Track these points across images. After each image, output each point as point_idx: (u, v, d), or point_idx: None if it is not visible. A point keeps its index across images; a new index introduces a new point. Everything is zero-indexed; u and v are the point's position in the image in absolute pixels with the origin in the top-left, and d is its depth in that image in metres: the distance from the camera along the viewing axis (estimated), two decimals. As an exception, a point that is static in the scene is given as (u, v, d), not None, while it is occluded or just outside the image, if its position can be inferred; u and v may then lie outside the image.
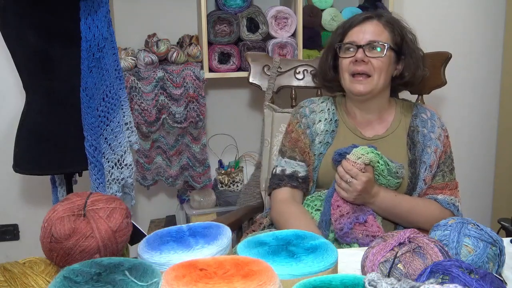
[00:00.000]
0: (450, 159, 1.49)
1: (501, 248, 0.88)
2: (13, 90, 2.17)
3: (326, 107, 1.54)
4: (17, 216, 2.37)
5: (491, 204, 2.77)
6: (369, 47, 1.41)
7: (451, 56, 1.68)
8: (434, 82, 1.70)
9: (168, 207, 2.54)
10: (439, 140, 1.45)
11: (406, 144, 1.45)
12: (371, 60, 1.41)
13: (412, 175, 1.41)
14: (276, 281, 0.65)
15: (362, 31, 1.43)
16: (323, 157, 1.46)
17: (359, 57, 1.41)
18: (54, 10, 1.40)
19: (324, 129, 1.49)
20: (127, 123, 1.61)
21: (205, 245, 0.84)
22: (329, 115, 1.51)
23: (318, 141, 1.48)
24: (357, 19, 1.48)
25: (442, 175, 1.45)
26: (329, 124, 1.50)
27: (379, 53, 1.41)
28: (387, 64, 1.42)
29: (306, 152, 1.49)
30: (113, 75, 1.52)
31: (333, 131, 1.49)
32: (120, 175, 1.57)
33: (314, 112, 1.53)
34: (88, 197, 0.91)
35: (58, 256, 0.85)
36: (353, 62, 1.42)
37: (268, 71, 1.85)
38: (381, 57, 1.40)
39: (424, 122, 1.48)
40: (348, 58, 1.44)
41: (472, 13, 2.58)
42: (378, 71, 1.41)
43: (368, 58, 1.41)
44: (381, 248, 0.84)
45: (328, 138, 1.48)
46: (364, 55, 1.41)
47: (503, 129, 2.65)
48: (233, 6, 2.20)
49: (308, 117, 1.53)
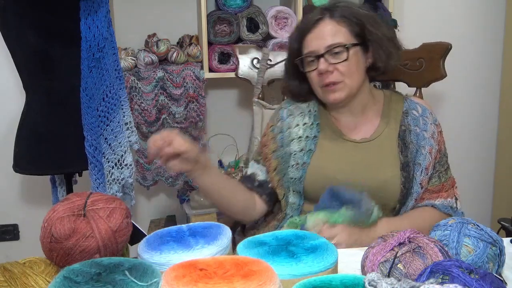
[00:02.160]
0: (445, 156, 1.39)
1: (501, 248, 0.88)
2: (13, 90, 2.17)
3: (308, 108, 1.41)
4: (17, 216, 2.37)
5: (491, 204, 2.77)
6: (329, 53, 1.29)
7: (451, 47, 1.59)
8: (433, 75, 1.60)
9: (168, 207, 2.54)
10: (433, 139, 1.34)
11: (397, 146, 1.33)
12: (337, 66, 1.29)
13: (405, 179, 1.29)
14: (276, 281, 0.65)
15: (317, 36, 1.31)
16: (308, 167, 1.33)
17: (322, 69, 1.29)
18: (54, 10, 1.40)
19: (304, 134, 1.36)
20: (127, 123, 1.61)
21: (205, 245, 0.84)
22: (309, 118, 1.39)
23: (299, 148, 1.35)
24: (309, 22, 1.34)
25: (438, 176, 1.35)
26: (309, 129, 1.37)
27: (343, 57, 1.28)
28: (355, 63, 1.30)
29: (268, 158, 1.39)
30: (113, 75, 1.52)
31: (314, 136, 1.36)
32: (120, 175, 1.57)
33: (291, 115, 1.40)
34: (88, 197, 0.91)
35: (58, 256, 0.85)
36: (319, 74, 1.31)
37: (257, 64, 1.75)
38: (345, 61, 1.28)
39: (416, 120, 1.36)
40: (313, 71, 1.32)
41: (472, 9, 2.58)
42: (348, 75, 1.29)
43: (333, 66, 1.29)
44: (381, 248, 0.84)
45: (311, 145, 1.35)
46: (327, 65, 1.28)
47: (503, 129, 2.65)
48: (233, 6, 2.20)
49: (284, 121, 1.40)
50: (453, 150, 1.49)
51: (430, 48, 1.58)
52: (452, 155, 1.47)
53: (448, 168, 1.40)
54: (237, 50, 1.76)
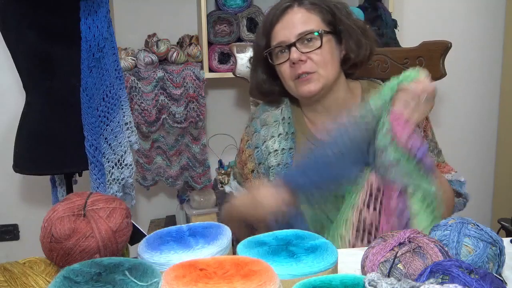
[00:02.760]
0: (433, 142, 1.30)
1: (501, 248, 0.88)
2: (13, 90, 2.17)
3: (281, 115, 1.30)
4: (17, 216, 2.37)
5: (491, 204, 2.77)
6: (301, 42, 1.19)
7: (451, 45, 1.55)
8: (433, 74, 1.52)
9: (168, 207, 2.55)
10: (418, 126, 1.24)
11: None
12: (310, 55, 1.19)
13: None
14: (276, 281, 0.65)
15: (286, 25, 1.21)
16: None
17: (295, 58, 1.19)
18: (54, 10, 1.40)
19: (280, 147, 1.26)
20: (127, 123, 1.61)
21: (205, 245, 0.84)
22: (284, 127, 1.29)
23: (276, 163, 1.25)
24: (277, 11, 1.23)
25: None
26: (284, 141, 1.27)
27: (316, 45, 1.19)
28: (329, 52, 1.21)
29: (249, 178, 1.32)
30: (113, 75, 1.52)
31: (290, 148, 1.26)
32: (120, 175, 1.57)
33: (266, 126, 1.30)
34: (88, 197, 0.91)
35: (58, 256, 0.85)
36: (291, 65, 1.21)
37: None
38: (319, 48, 1.19)
39: None
40: (283, 63, 1.22)
41: (472, 8, 2.58)
42: (323, 65, 1.20)
43: (306, 55, 1.19)
44: (381, 248, 0.84)
45: (287, 159, 1.25)
46: (300, 54, 1.19)
47: (503, 129, 2.65)
48: (233, 6, 2.20)
49: (259, 133, 1.31)
50: (453, 150, 1.50)
51: (429, 46, 1.57)
52: (452, 155, 1.47)
53: (439, 153, 1.32)
54: (234, 49, 1.73)
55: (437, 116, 2.60)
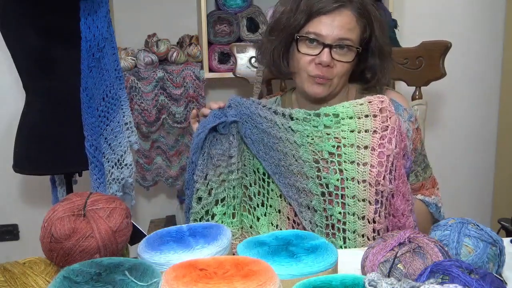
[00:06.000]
0: (421, 155, 1.29)
1: (501, 248, 0.88)
2: (13, 90, 2.17)
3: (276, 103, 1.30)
4: (17, 216, 2.37)
5: (491, 204, 2.77)
6: (337, 47, 1.19)
7: (451, 45, 1.57)
8: (433, 74, 1.58)
9: (168, 207, 2.54)
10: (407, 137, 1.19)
11: None
12: (337, 63, 1.20)
13: None
14: (276, 281, 0.65)
15: (331, 23, 1.18)
16: None
17: (325, 61, 1.18)
18: (54, 10, 1.40)
19: None
20: (127, 123, 1.61)
21: (205, 245, 0.84)
22: None
23: None
24: (328, 4, 1.18)
25: (415, 175, 1.27)
26: None
27: (347, 58, 1.20)
28: (351, 68, 1.24)
29: None
30: (113, 75, 1.52)
31: None
32: (120, 175, 1.57)
33: None
34: (88, 197, 0.91)
35: (58, 256, 0.85)
36: (316, 63, 1.20)
37: (255, 63, 1.68)
38: (348, 62, 1.21)
39: None
40: (309, 56, 1.20)
41: (472, 7, 2.58)
42: (340, 75, 1.22)
43: (334, 62, 1.19)
44: (381, 248, 0.84)
45: None
46: (330, 59, 1.18)
47: (503, 129, 2.65)
48: (233, 6, 2.20)
49: None
50: (453, 150, 1.50)
51: (429, 46, 1.57)
52: (451, 155, 1.47)
53: (426, 168, 1.32)
54: (234, 49, 1.73)
55: (437, 116, 2.59)
